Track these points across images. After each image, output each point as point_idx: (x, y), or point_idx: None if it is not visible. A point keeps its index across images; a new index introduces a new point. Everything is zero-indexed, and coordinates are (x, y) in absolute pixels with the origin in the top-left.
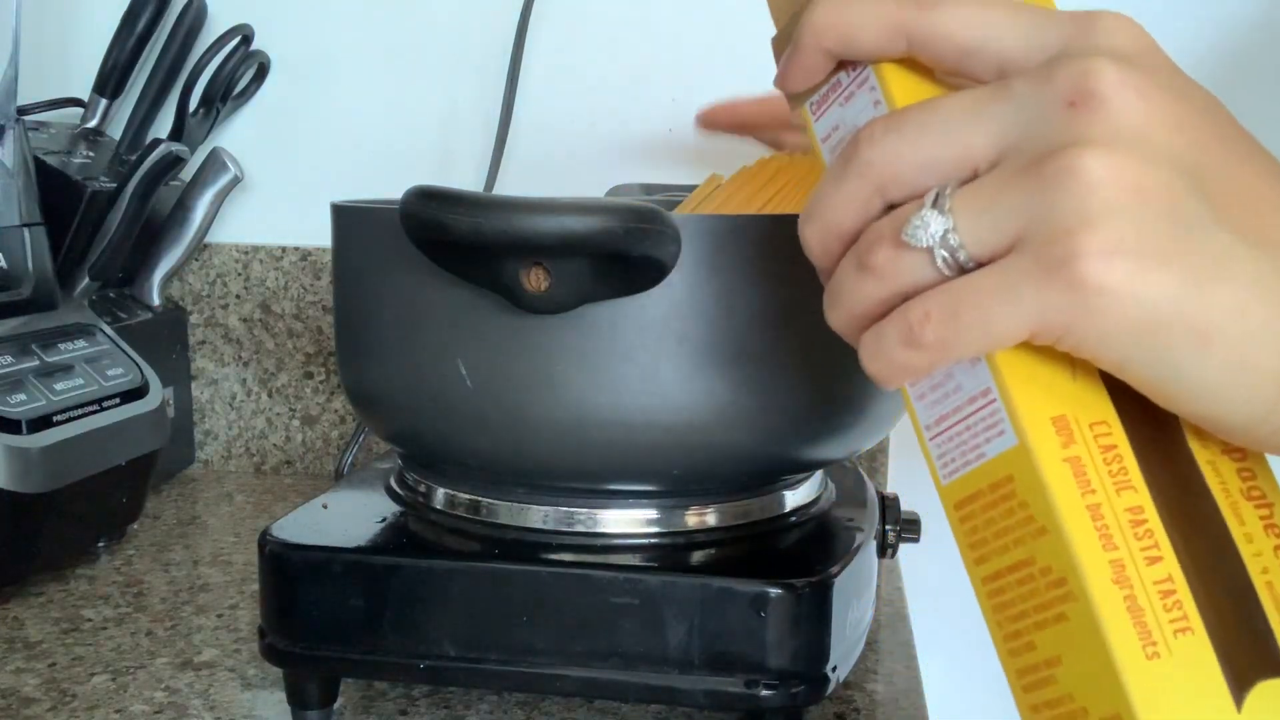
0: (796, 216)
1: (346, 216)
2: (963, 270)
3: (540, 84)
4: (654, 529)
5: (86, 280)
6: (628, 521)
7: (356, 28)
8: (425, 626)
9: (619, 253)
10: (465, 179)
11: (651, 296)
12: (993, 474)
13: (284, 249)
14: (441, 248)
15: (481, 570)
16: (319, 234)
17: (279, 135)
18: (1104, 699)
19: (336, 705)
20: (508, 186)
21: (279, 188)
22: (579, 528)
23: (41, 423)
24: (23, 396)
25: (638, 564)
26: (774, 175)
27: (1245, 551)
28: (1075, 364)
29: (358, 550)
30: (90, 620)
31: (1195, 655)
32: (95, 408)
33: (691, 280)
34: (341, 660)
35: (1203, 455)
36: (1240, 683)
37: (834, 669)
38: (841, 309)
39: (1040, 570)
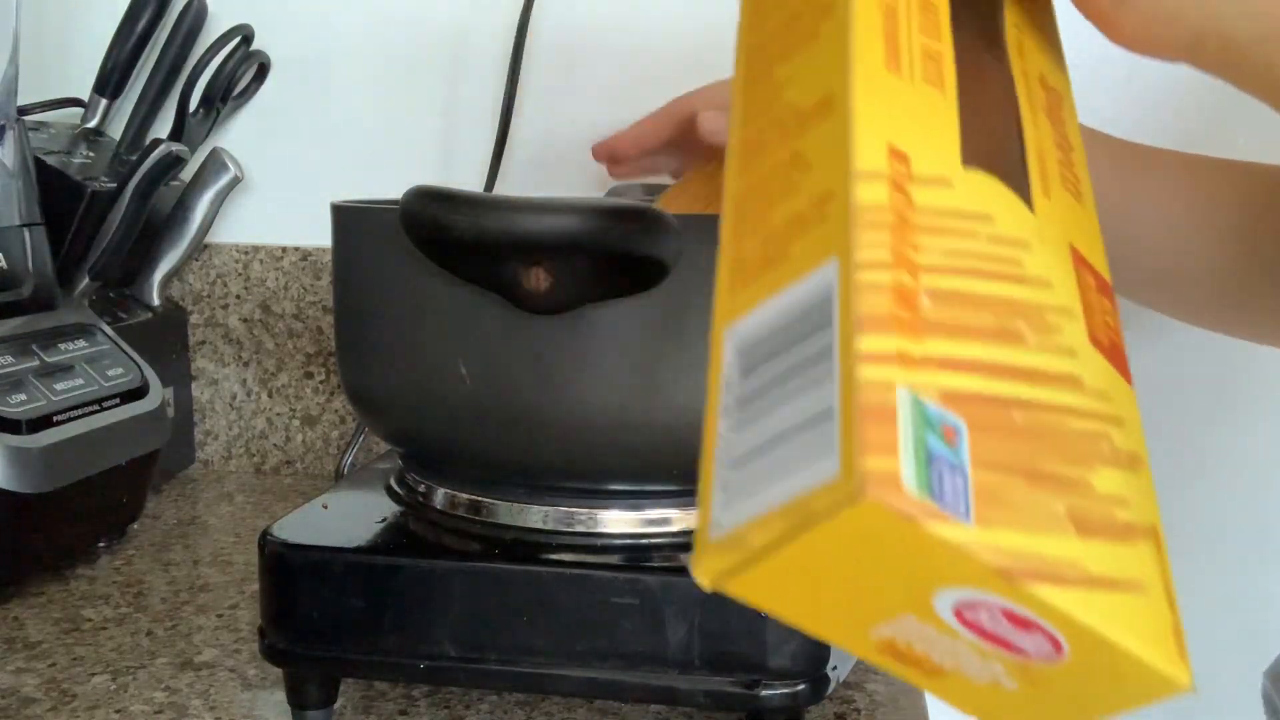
0: None
1: (346, 216)
2: None
3: (540, 84)
4: (654, 529)
5: (86, 280)
6: (628, 521)
7: (356, 28)
8: (425, 626)
9: (619, 253)
10: (465, 179)
11: (651, 296)
12: None
13: (284, 249)
14: (442, 248)
15: (481, 570)
16: (319, 234)
17: (279, 135)
18: (823, 86)
19: (336, 705)
20: (508, 186)
21: (279, 188)
22: (579, 528)
23: (41, 423)
24: (23, 396)
25: (638, 564)
26: None
27: (1026, 125)
28: None
29: (358, 550)
30: (90, 620)
31: (936, 104)
32: (95, 408)
33: (691, 280)
34: (341, 660)
35: (1015, 65)
36: (973, 160)
37: (834, 669)
38: None
39: (811, 7)
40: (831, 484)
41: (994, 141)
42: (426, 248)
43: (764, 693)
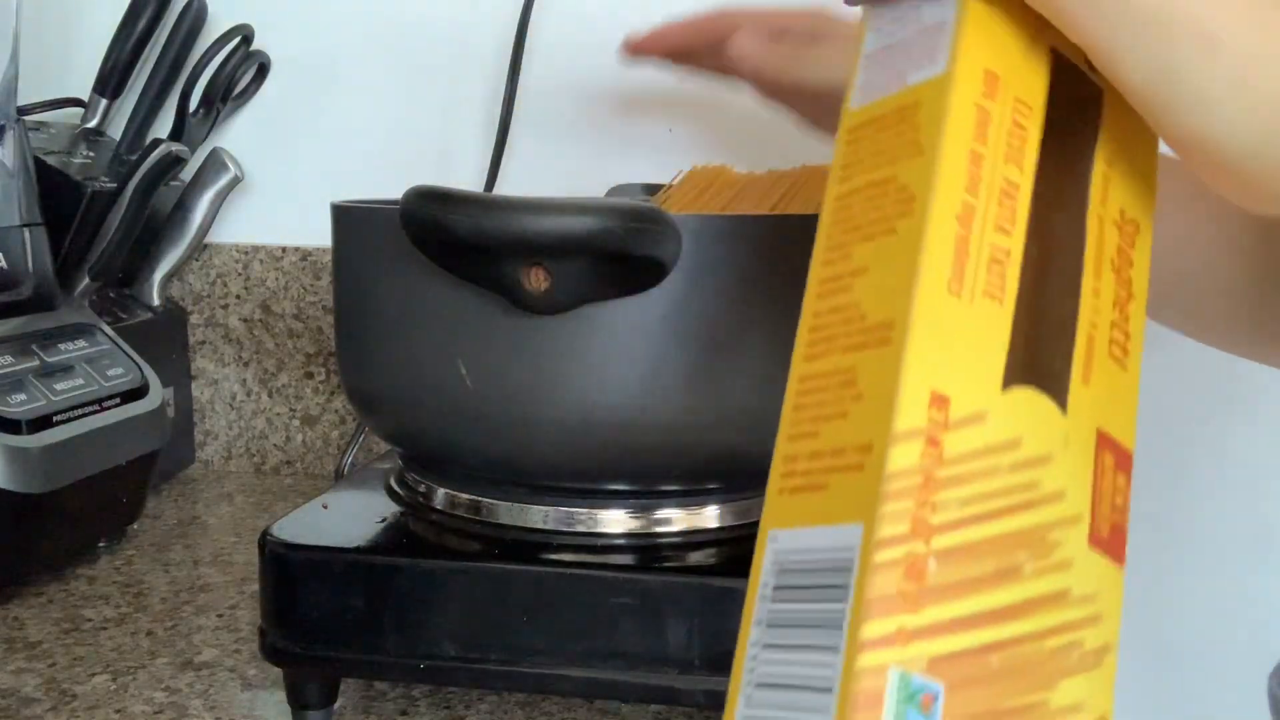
0: (796, 217)
1: (346, 216)
2: None
3: (540, 84)
4: (654, 529)
5: (86, 280)
6: (628, 521)
7: (356, 28)
8: (425, 626)
9: (619, 253)
10: (465, 179)
11: (651, 296)
12: (903, 100)
13: (284, 249)
14: (442, 248)
15: (481, 570)
16: (319, 234)
17: (279, 135)
18: (888, 306)
19: (336, 705)
20: (508, 186)
21: (279, 188)
22: (579, 528)
23: (41, 423)
24: (23, 396)
25: (638, 564)
26: (777, 179)
27: (1085, 295)
28: (1034, 48)
29: (358, 550)
30: (90, 620)
31: (991, 319)
32: (95, 408)
33: (691, 280)
34: (341, 660)
35: (1095, 210)
36: (1016, 375)
37: None
38: None
39: (897, 187)
40: None
41: (1044, 338)
42: (426, 248)
43: None
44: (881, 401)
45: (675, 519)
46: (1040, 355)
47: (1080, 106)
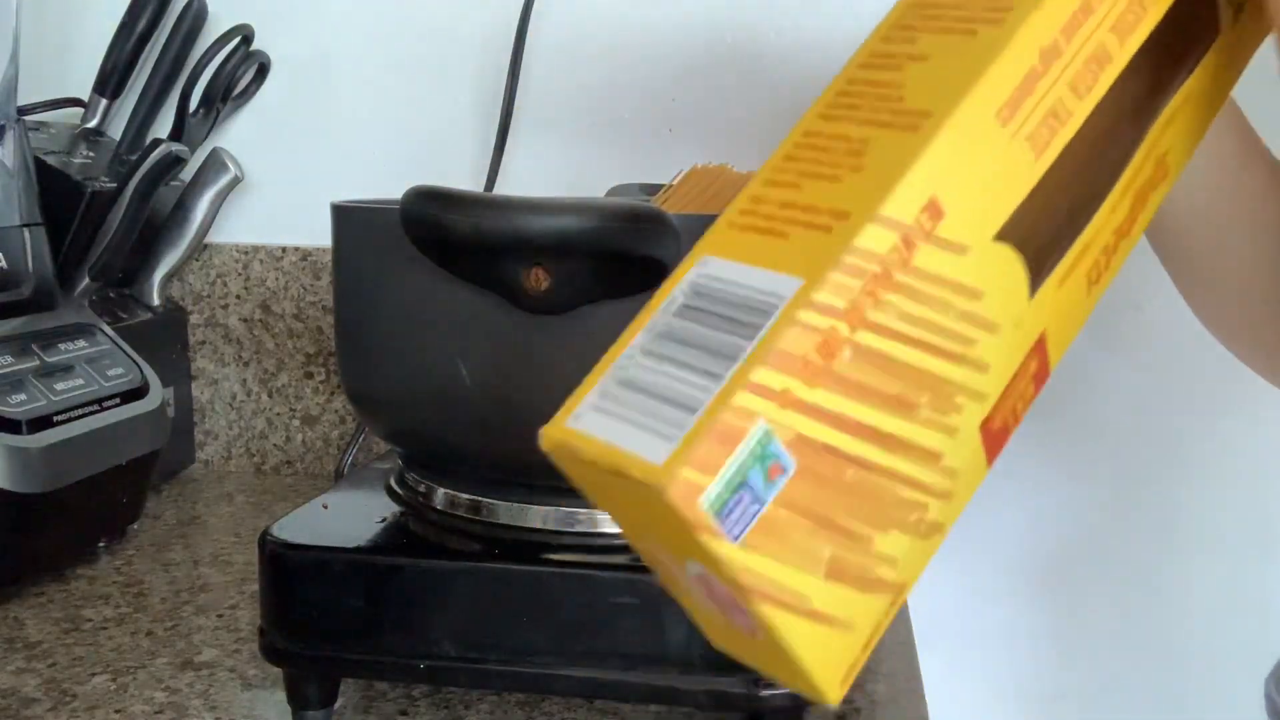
0: None
1: (346, 216)
2: None
3: (540, 84)
4: None
5: (86, 280)
6: None
7: (356, 28)
8: (425, 626)
9: (619, 253)
10: (465, 179)
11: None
12: None
13: (284, 249)
14: (441, 248)
15: (481, 570)
16: (319, 234)
17: (279, 135)
18: (932, 98)
19: (336, 705)
20: (508, 186)
21: (279, 188)
22: (579, 528)
23: (41, 423)
24: (23, 396)
25: (638, 564)
26: None
27: (1104, 209)
28: None
29: (358, 550)
30: (90, 620)
31: (1021, 166)
32: (95, 408)
33: None
34: (341, 660)
35: (1151, 136)
36: (1013, 234)
37: None
38: None
39: None
40: (654, 466)
41: (1050, 220)
42: (426, 248)
43: (765, 692)
44: (881, 180)
45: None
46: (1043, 233)
47: (1191, 38)
